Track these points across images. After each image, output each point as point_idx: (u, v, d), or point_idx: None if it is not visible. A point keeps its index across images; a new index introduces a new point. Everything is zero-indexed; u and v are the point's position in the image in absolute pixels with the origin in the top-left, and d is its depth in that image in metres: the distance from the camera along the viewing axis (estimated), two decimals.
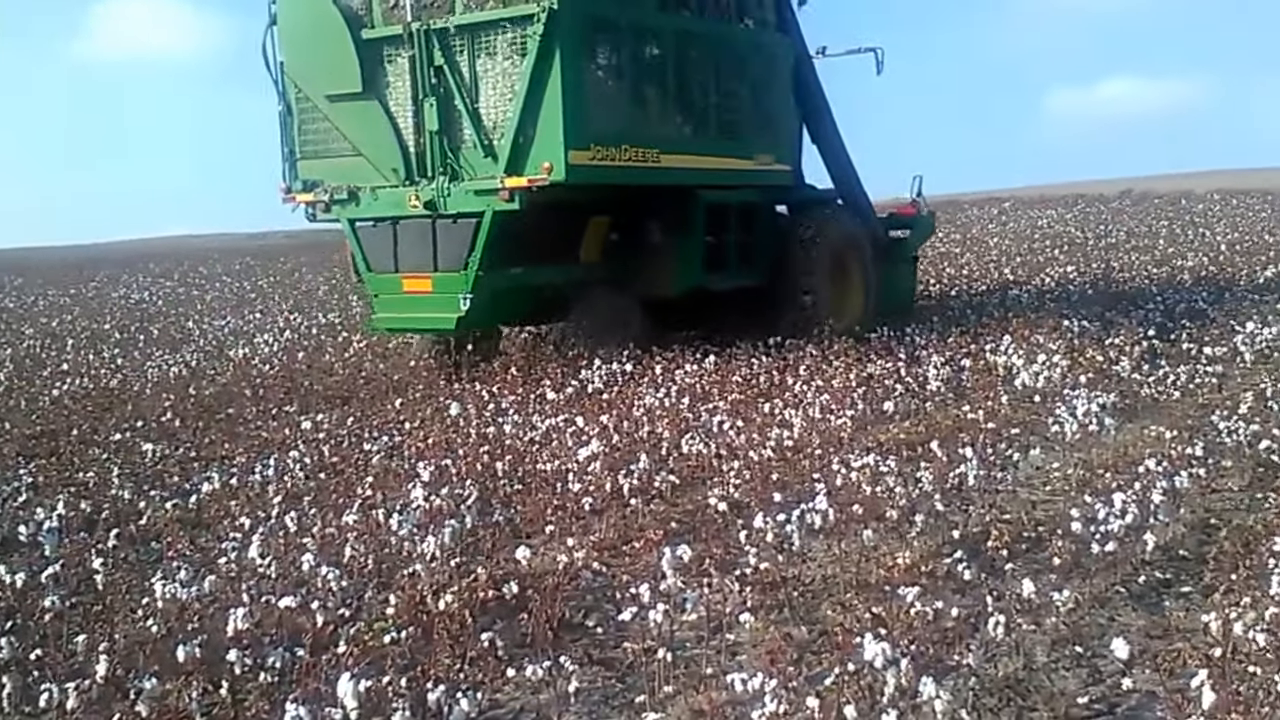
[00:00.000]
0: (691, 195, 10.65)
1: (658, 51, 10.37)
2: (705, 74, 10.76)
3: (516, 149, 9.41)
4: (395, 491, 6.56)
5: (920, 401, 8.70)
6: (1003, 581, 4.84)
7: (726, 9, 11.10)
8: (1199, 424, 7.31)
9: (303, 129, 10.57)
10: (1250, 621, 3.92)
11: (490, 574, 5.23)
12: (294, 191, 10.71)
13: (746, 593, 4.80)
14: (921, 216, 13.83)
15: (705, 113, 10.83)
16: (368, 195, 10.23)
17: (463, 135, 9.81)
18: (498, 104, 9.61)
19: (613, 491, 6.46)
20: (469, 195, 9.68)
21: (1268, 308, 12.41)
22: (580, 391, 9.70)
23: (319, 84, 10.36)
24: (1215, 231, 26.30)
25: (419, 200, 9.82)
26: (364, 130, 10.19)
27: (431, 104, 9.76)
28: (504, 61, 9.51)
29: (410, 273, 10.10)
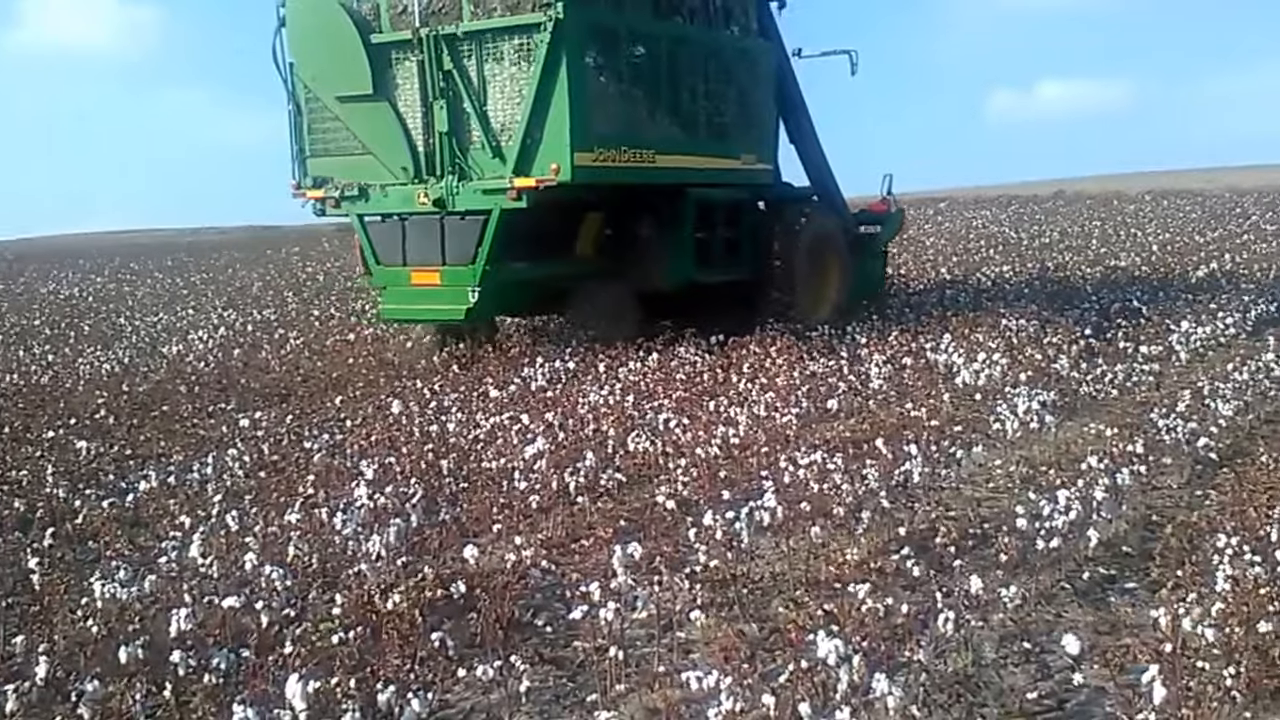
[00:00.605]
0: (682, 193, 11.13)
1: (652, 57, 10.77)
2: (696, 78, 11.25)
3: (524, 150, 9.87)
4: (338, 490, 6.48)
5: (863, 400, 8.75)
6: (951, 578, 4.88)
7: (714, 15, 11.54)
8: (1138, 422, 7.44)
9: (312, 128, 10.96)
10: (1198, 617, 3.98)
11: (438, 573, 5.16)
12: (304, 188, 11.11)
13: (696, 590, 4.79)
14: (891, 213, 14.48)
15: (695, 115, 11.30)
16: (377, 192, 10.66)
17: (470, 136, 10.24)
18: (504, 107, 10.05)
19: (559, 490, 6.42)
20: (477, 194, 10.13)
21: (1201, 307, 12.66)
22: (523, 389, 9.65)
23: (329, 85, 10.74)
24: (1147, 232, 26.85)
25: (428, 197, 10.27)
26: (374, 130, 10.58)
27: (441, 106, 10.20)
28: (510, 67, 9.97)
29: (418, 266, 10.55)
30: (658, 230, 11.14)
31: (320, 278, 25.62)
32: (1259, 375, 8.67)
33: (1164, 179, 51.36)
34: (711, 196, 11.50)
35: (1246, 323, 11.99)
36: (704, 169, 11.37)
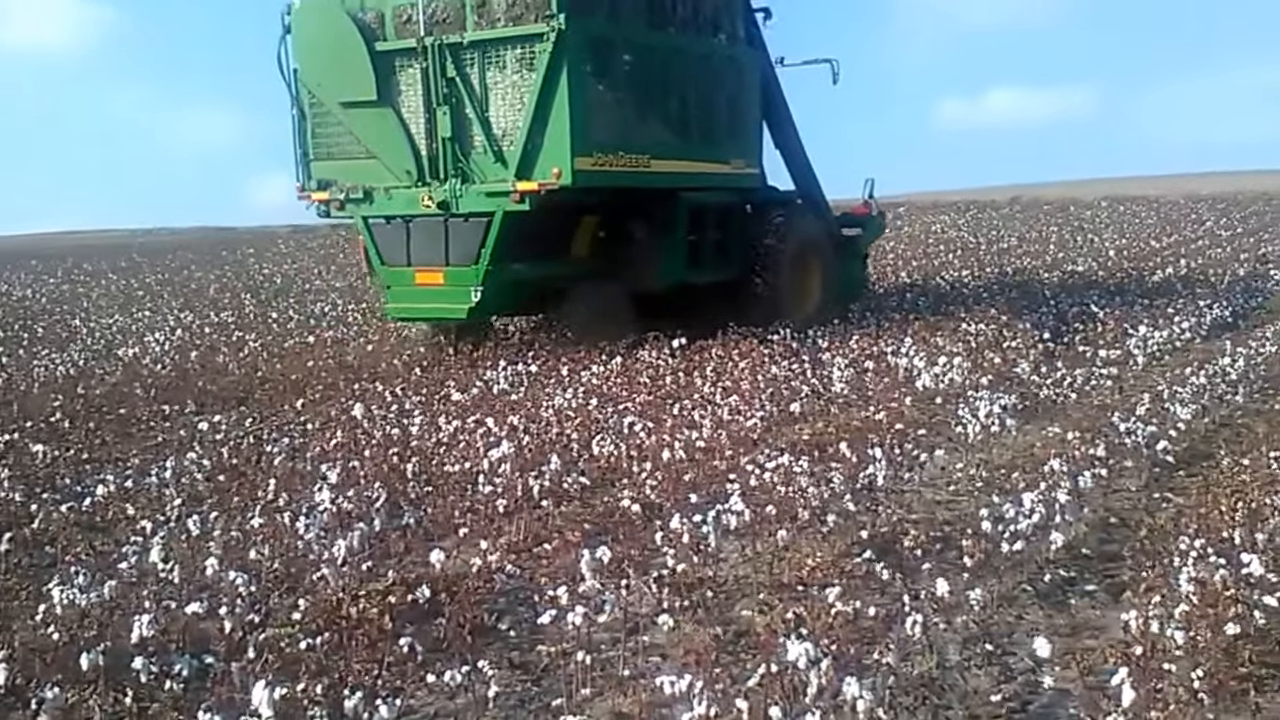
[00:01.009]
0: (675, 197, 11.55)
1: (647, 66, 11.15)
2: (688, 86, 11.64)
3: (526, 155, 10.22)
4: (300, 494, 6.41)
5: (825, 403, 8.79)
6: (916, 580, 4.90)
7: (703, 26, 11.90)
8: (1098, 425, 7.51)
9: (316, 132, 11.31)
10: (1164, 619, 4.02)
11: (402, 577, 5.12)
12: (308, 190, 11.44)
13: (663, 594, 4.78)
14: (873, 217, 14.90)
15: (687, 121, 11.69)
16: (382, 195, 11.00)
17: (473, 141, 10.58)
18: (506, 113, 10.41)
19: (524, 493, 6.39)
20: (481, 196, 10.48)
21: (1158, 312, 12.85)
22: (485, 392, 9.62)
23: (334, 91, 11.08)
24: (1103, 237, 27.21)
25: (432, 200, 10.59)
26: (378, 135, 10.93)
27: (444, 112, 10.53)
28: (513, 75, 10.34)
29: (423, 266, 10.92)
30: (651, 232, 11.49)
31: (277, 279, 25.40)
32: (1215, 379, 8.80)
33: (1119, 185, 52.04)
34: (702, 200, 11.86)
35: (1202, 327, 12.18)
36: (695, 173, 11.75)
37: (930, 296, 14.83)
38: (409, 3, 10.64)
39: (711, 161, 11.98)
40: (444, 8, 10.53)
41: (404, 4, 10.69)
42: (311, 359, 12.09)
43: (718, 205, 12.12)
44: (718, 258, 12.08)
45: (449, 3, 10.51)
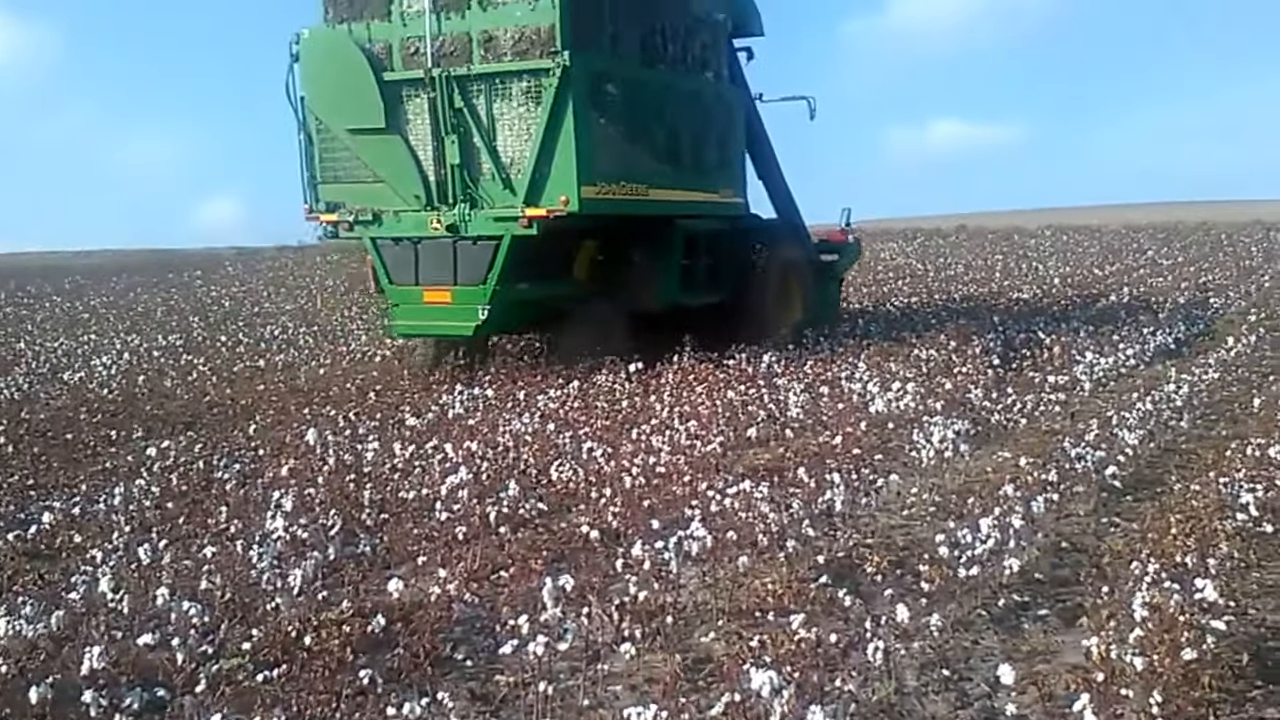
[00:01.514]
0: (670, 224, 12.24)
1: (643, 101, 11.77)
2: (680, 120, 12.32)
3: (534, 183, 10.72)
4: (253, 521, 6.31)
5: (782, 428, 8.83)
6: (876, 606, 4.92)
7: (694, 64, 12.60)
8: (1049, 450, 7.60)
9: (323, 157, 11.73)
10: (1120, 645, 4.06)
11: (358, 607, 5.06)
12: (316, 212, 11.86)
13: (624, 622, 4.76)
14: (849, 244, 15.74)
15: (680, 153, 12.33)
16: (391, 217, 11.45)
17: (481, 168, 11.06)
18: (513, 143, 10.91)
19: (482, 520, 6.34)
20: (489, 221, 10.97)
21: (1103, 338, 13.06)
22: (441, 417, 9.57)
23: (342, 118, 11.51)
24: (1048, 265, 27.66)
25: (441, 223, 11.08)
26: (386, 160, 11.37)
27: (453, 140, 11.01)
28: (519, 106, 10.85)
29: (431, 286, 11.39)
30: (647, 257, 12.13)
31: (225, 302, 25.10)
32: (1160, 405, 8.95)
33: (1061, 215, 53.02)
34: (695, 227, 12.56)
35: (1146, 354, 12.40)
36: (688, 201, 12.44)
37: (881, 322, 14.99)
38: (416, 35, 11.09)
39: (702, 190, 12.67)
40: (451, 41, 10.99)
41: (412, 36, 11.14)
42: (262, 383, 11.98)
43: (708, 231, 12.79)
44: (709, 281, 12.76)
45: (456, 37, 10.98)
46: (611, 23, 11.23)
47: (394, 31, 11.23)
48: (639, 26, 11.65)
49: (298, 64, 11.63)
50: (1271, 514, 5.99)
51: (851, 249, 15.88)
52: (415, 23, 11.08)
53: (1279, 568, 5.63)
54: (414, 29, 11.09)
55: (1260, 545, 5.68)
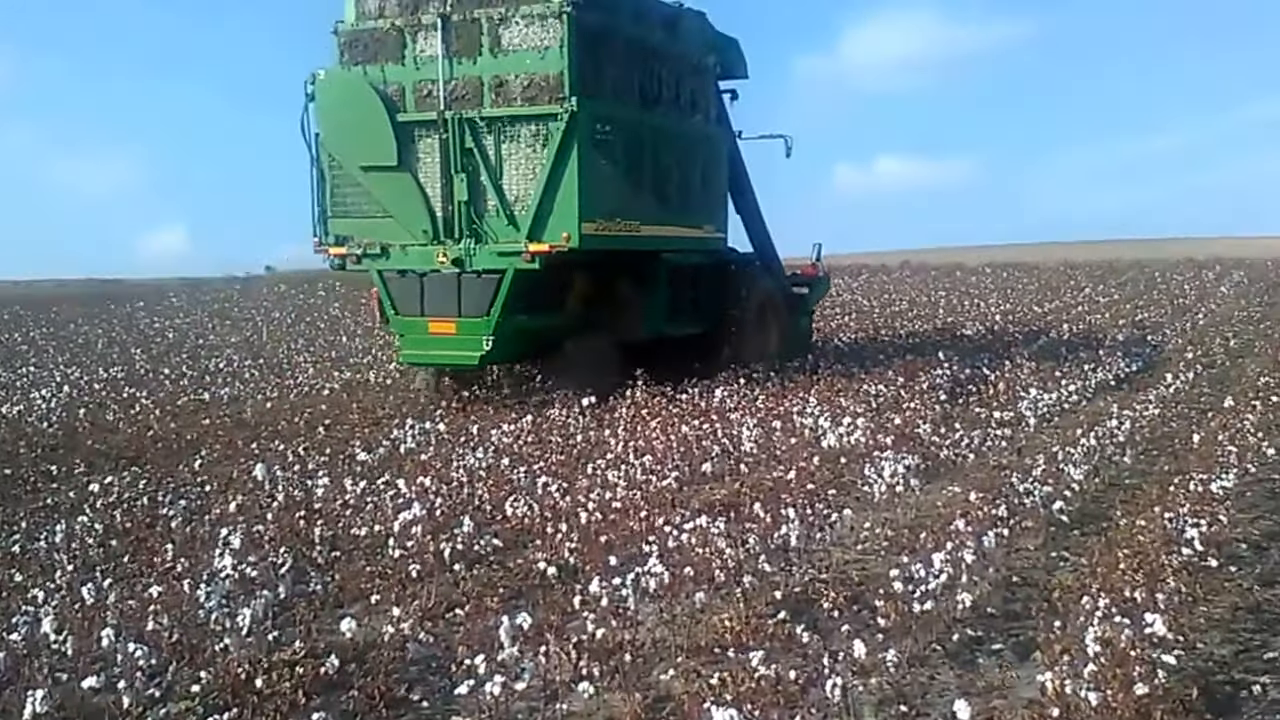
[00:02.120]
0: (657, 258, 12.86)
1: (639, 142, 12.38)
2: (670, 159, 12.93)
3: (538, 219, 11.32)
4: (200, 560, 6.20)
5: (736, 462, 8.86)
6: (833, 641, 4.93)
7: (684, 106, 13.28)
8: (998, 485, 7.69)
9: (334, 192, 12.22)
10: (1074, 680, 4.11)
11: (310, 647, 4.98)
12: (326, 244, 12.31)
13: (583, 660, 4.72)
14: (820, 278, 16.43)
15: (669, 191, 12.91)
16: (398, 251, 11.97)
17: (486, 205, 11.62)
18: (519, 181, 11.51)
19: (436, 557, 6.28)
20: (494, 255, 11.54)
21: (1046, 375, 13.28)
22: (393, 452, 9.48)
23: (355, 156, 12.02)
24: (989, 302, 28.06)
25: (447, 257, 11.61)
26: (396, 196, 11.88)
27: (461, 179, 11.58)
28: (526, 148, 11.48)
29: (436, 317, 11.87)
30: (636, 289, 12.77)
31: (169, 334, 24.72)
32: (1104, 440, 9.10)
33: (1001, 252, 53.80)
34: (680, 261, 13.22)
35: (1088, 390, 12.61)
36: (675, 237, 13.09)
37: (830, 357, 15.10)
38: (429, 79, 11.69)
39: (688, 226, 13.31)
40: (463, 85, 11.60)
41: (424, 79, 11.73)
42: (207, 417, 11.81)
43: (691, 266, 13.44)
44: (692, 313, 13.42)
45: (468, 81, 11.57)
46: (613, 69, 11.89)
47: (408, 75, 11.80)
48: (637, 72, 12.34)
49: (313, 103, 12.18)
50: (1216, 548, 6.12)
51: (822, 283, 16.61)
52: (428, 67, 11.68)
53: (1225, 602, 5.74)
54: (427, 73, 11.70)
55: (1206, 580, 5.79)
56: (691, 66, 13.43)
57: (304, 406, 12.37)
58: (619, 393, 11.02)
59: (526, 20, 11.31)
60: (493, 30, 11.44)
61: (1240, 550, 6.65)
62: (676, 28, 13.21)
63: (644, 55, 12.50)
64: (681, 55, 13.22)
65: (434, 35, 11.63)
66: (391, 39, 11.87)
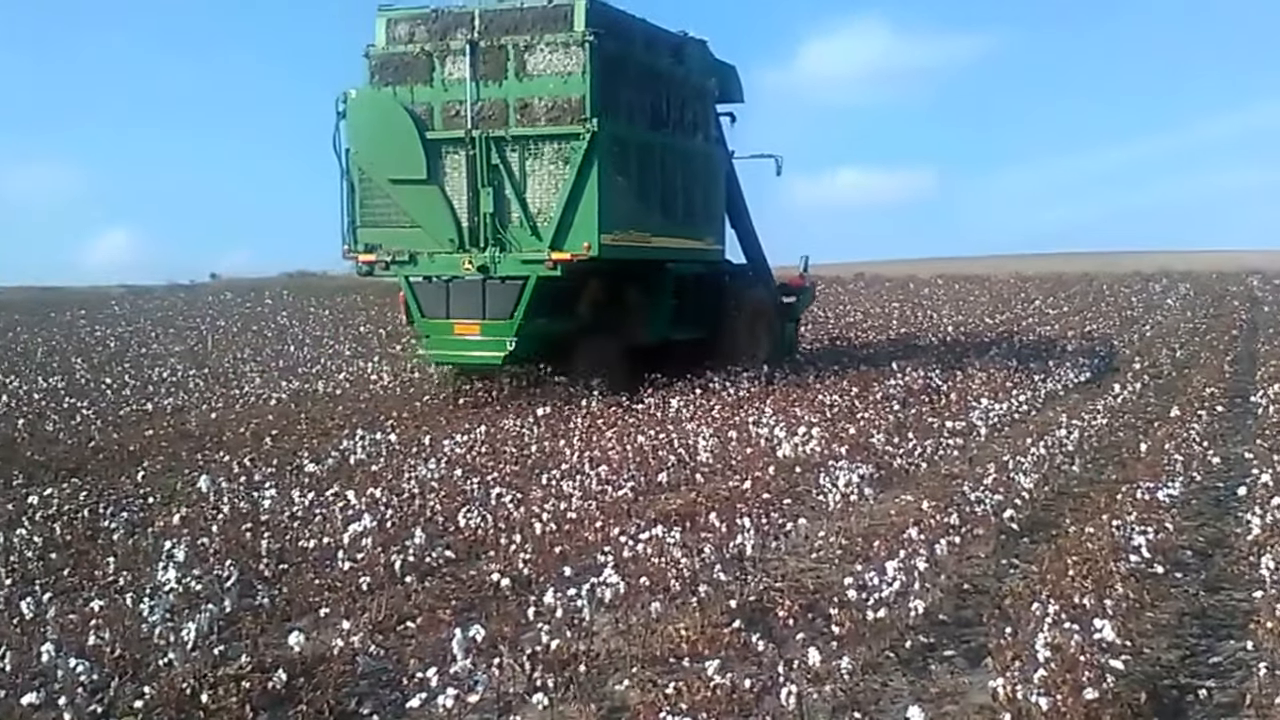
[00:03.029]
0: (664, 267, 13.94)
1: (649, 160, 13.40)
2: (676, 176, 13.99)
3: (560, 230, 12.25)
4: (143, 573, 6.08)
5: (691, 473, 8.85)
6: (788, 650, 4.91)
7: (689, 127, 14.38)
8: (950, 493, 7.74)
9: (364, 203, 13.10)
10: (1025, 685, 4.12)
11: (258, 661, 4.88)
12: (355, 251, 13.18)
13: (537, 672, 4.67)
14: (805, 288, 17.49)
15: (675, 205, 13.94)
16: (425, 258, 12.86)
17: (511, 216, 12.56)
18: (541, 195, 12.47)
19: (387, 569, 6.19)
20: (517, 263, 12.45)
21: (997, 385, 13.42)
22: (342, 463, 9.36)
23: (385, 170, 12.93)
24: (942, 314, 28.36)
25: (472, 264, 12.53)
26: (423, 208, 12.79)
27: (487, 192, 12.51)
28: (549, 164, 12.43)
29: (461, 319, 12.77)
30: (644, 296, 13.80)
31: (111, 343, 24.30)
32: (1053, 449, 9.18)
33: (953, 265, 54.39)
34: (684, 271, 14.32)
35: (1038, 400, 12.77)
36: (679, 248, 14.18)
37: (786, 368, 15.16)
38: (457, 100, 12.63)
39: (690, 239, 14.41)
40: (489, 106, 12.54)
41: (452, 100, 12.67)
42: (150, 427, 11.61)
43: (694, 275, 14.56)
44: (693, 318, 14.43)
45: (494, 102, 12.53)
46: (628, 93, 12.94)
47: (436, 95, 12.75)
48: (648, 95, 13.44)
49: (344, 120, 13.07)
50: (1163, 555, 6.19)
51: (807, 292, 17.67)
52: (456, 89, 12.64)
53: (1171, 608, 5.83)
54: (455, 94, 12.65)
55: (1153, 586, 5.85)
56: (695, 91, 14.51)
57: (250, 417, 12.19)
58: (574, 403, 10.96)
59: (551, 47, 12.29)
60: (518, 56, 12.42)
61: (1186, 557, 6.76)
62: (682, 55, 14.30)
63: (654, 80, 13.59)
64: (686, 80, 14.30)
65: (462, 60, 12.57)
66: (421, 62, 12.80)
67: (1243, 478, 8.42)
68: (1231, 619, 5.72)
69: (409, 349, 19.31)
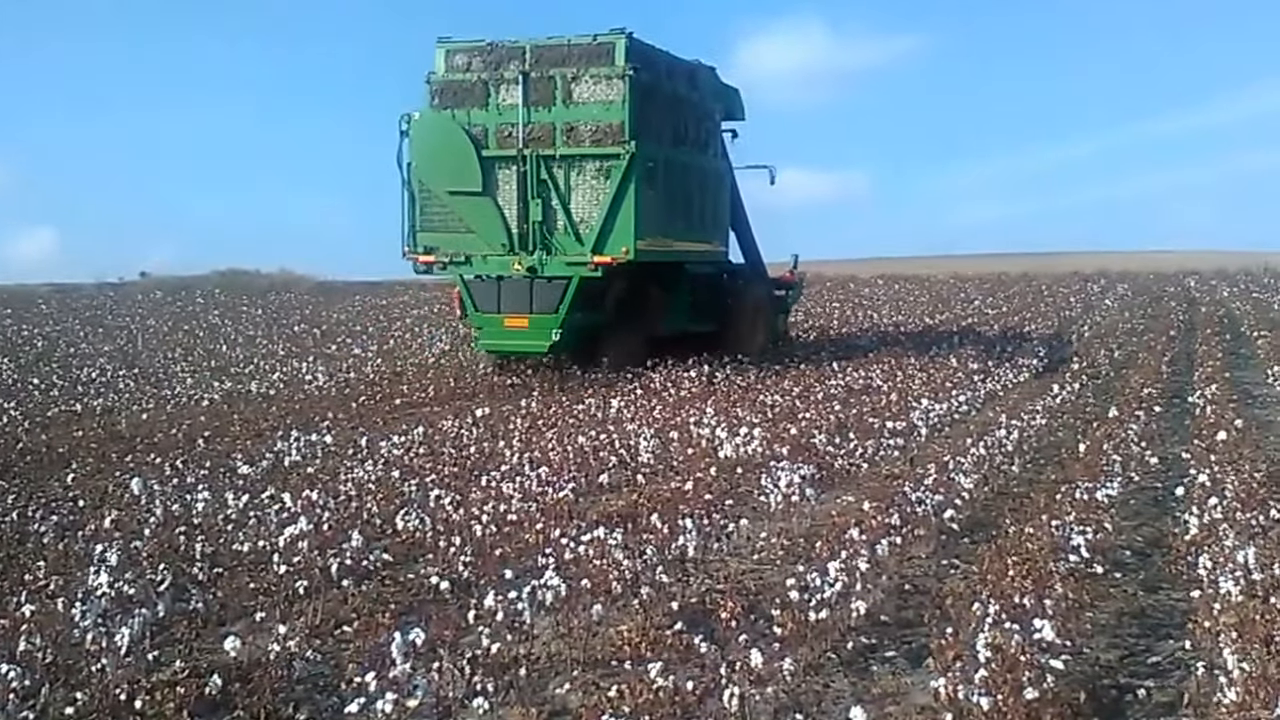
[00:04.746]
0: (681, 268, 16.21)
1: (672, 174, 15.30)
2: (692, 187, 16.06)
3: (601, 237, 14.27)
4: (74, 577, 5.91)
5: (633, 473, 8.81)
6: (730, 651, 4.90)
7: (701, 144, 16.52)
8: (891, 494, 7.76)
9: (424, 211, 15.10)
10: (966, 685, 4.14)
11: (192, 667, 4.77)
12: (415, 253, 15.14)
13: (477, 675, 4.61)
14: (795, 283, 19.88)
15: (690, 212, 15.97)
16: (479, 260, 14.89)
17: (556, 224, 14.56)
18: (584, 206, 14.46)
19: (323, 572, 6.08)
20: (562, 264, 14.46)
21: (937, 385, 13.54)
22: (277, 465, 9.21)
23: (444, 182, 14.93)
24: (881, 314, 28.63)
25: (521, 265, 14.49)
26: (478, 216, 14.76)
27: (536, 203, 14.48)
28: (591, 179, 14.46)
29: (511, 314, 14.70)
30: (664, 293, 15.89)
31: (38, 343, 23.74)
32: (993, 450, 9.27)
33: (893, 265, 55.08)
34: (697, 270, 16.62)
35: (977, 400, 12.90)
36: (694, 251, 16.20)
37: (727, 368, 15.20)
38: (510, 122, 14.56)
39: (702, 242, 16.39)
40: (538, 129, 14.45)
41: (505, 123, 14.61)
42: (80, 429, 11.36)
43: (705, 274, 16.83)
44: (705, 312, 16.76)
45: (542, 125, 14.44)
46: (656, 117, 14.88)
47: (491, 118, 14.69)
48: (671, 118, 15.45)
49: (406, 139, 14.94)
50: (1101, 555, 6.27)
51: (797, 287, 20.05)
52: (509, 113, 14.59)
53: (1110, 607, 5.90)
54: (508, 118, 14.60)
55: (1092, 586, 5.92)
56: (706, 112, 16.60)
57: (182, 418, 11.98)
58: (514, 403, 10.88)
59: (594, 79, 14.25)
60: (565, 86, 14.36)
61: (1125, 557, 6.85)
62: (695, 80, 16.35)
63: (676, 105, 15.62)
64: (700, 103, 16.37)
65: (515, 88, 14.51)
66: (478, 89, 14.76)
67: (1180, 478, 8.56)
68: (1170, 618, 5.80)
69: (344, 349, 20.71)
